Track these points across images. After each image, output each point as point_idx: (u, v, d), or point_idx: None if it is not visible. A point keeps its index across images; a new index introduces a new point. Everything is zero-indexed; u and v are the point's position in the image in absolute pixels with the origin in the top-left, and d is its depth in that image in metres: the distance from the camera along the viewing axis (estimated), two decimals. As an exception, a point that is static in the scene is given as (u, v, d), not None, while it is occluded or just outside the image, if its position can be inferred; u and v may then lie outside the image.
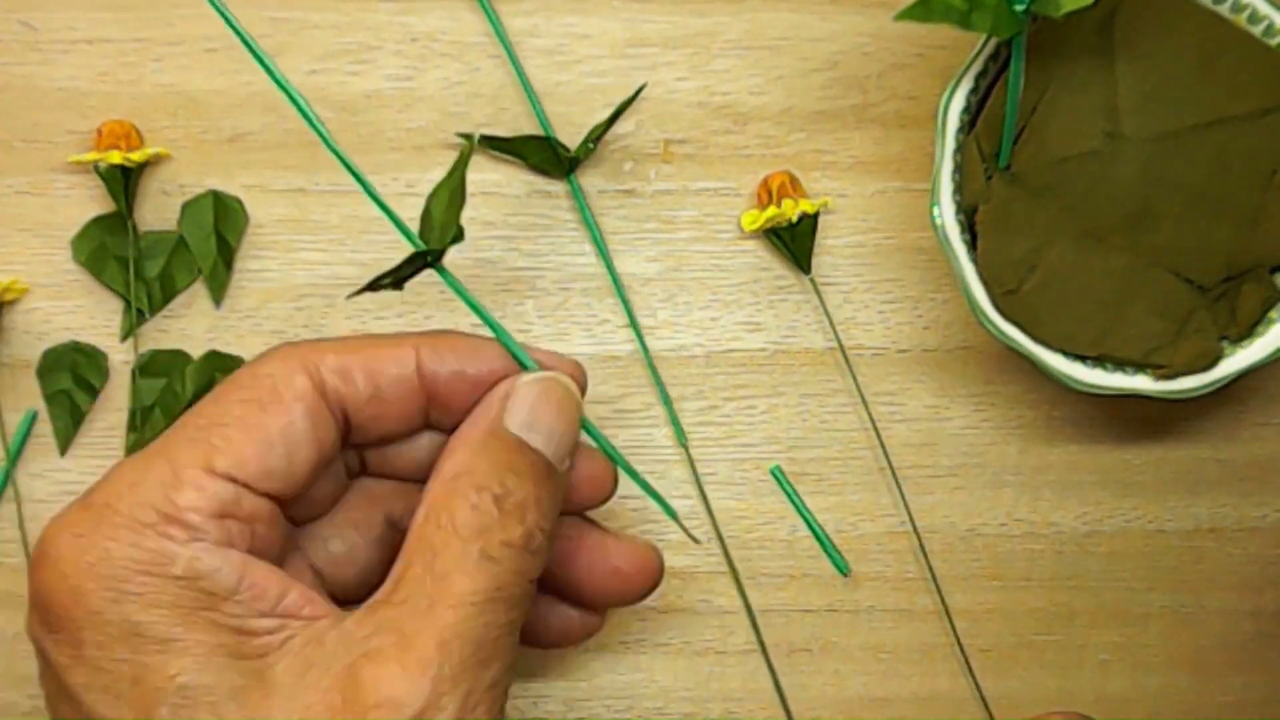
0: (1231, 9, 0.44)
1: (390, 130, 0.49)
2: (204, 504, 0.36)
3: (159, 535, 0.35)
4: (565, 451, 0.39)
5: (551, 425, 0.39)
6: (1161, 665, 0.50)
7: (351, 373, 0.39)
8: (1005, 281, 0.45)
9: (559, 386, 0.40)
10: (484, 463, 0.38)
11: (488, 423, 0.38)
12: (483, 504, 0.37)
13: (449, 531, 0.36)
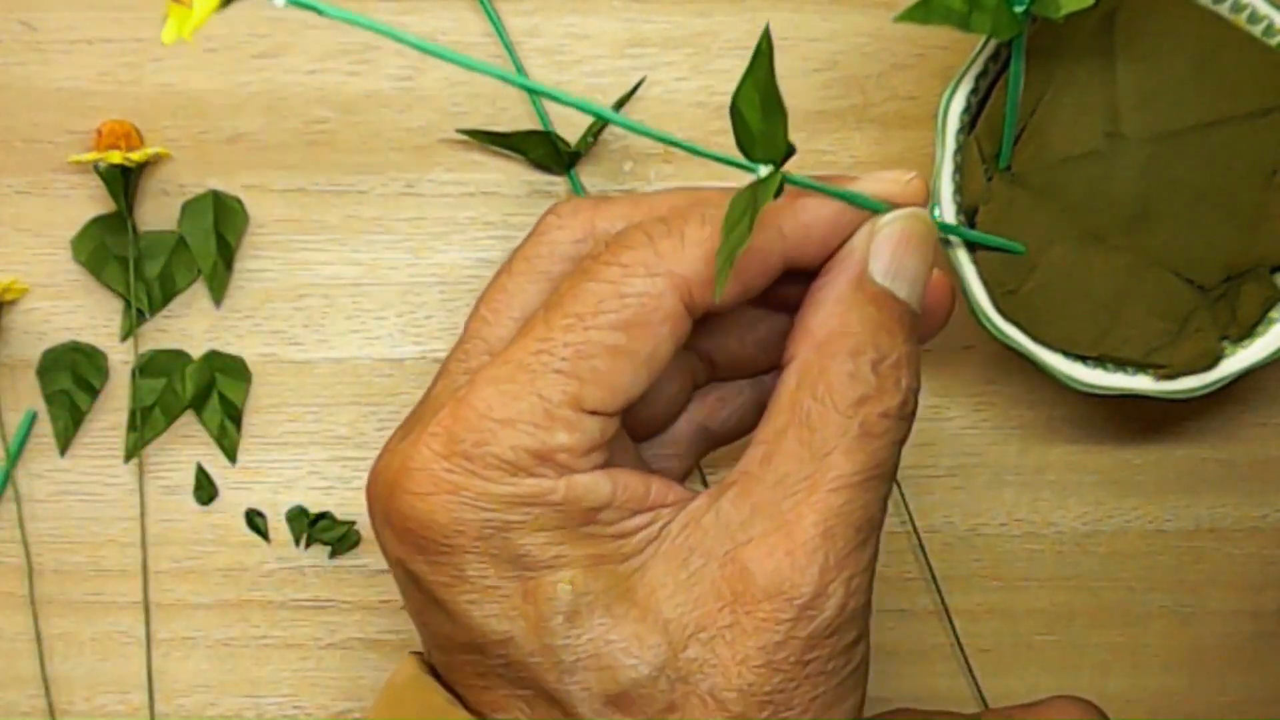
0: (1231, 9, 0.44)
1: (390, 130, 0.49)
2: (576, 443, 0.35)
3: (534, 475, 0.35)
4: (920, 297, 0.37)
5: (915, 269, 0.37)
6: (1161, 665, 0.50)
7: (708, 282, 0.36)
8: (1005, 281, 0.45)
9: (920, 223, 0.37)
10: (856, 321, 0.35)
11: (853, 274, 0.36)
12: (860, 371, 0.35)
13: (826, 404, 0.35)
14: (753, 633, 0.34)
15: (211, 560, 0.49)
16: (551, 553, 0.35)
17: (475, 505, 0.34)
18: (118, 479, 0.49)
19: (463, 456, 0.35)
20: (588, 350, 0.35)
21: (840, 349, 0.35)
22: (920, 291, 0.37)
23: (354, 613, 0.49)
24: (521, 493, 0.35)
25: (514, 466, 0.35)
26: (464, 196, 0.49)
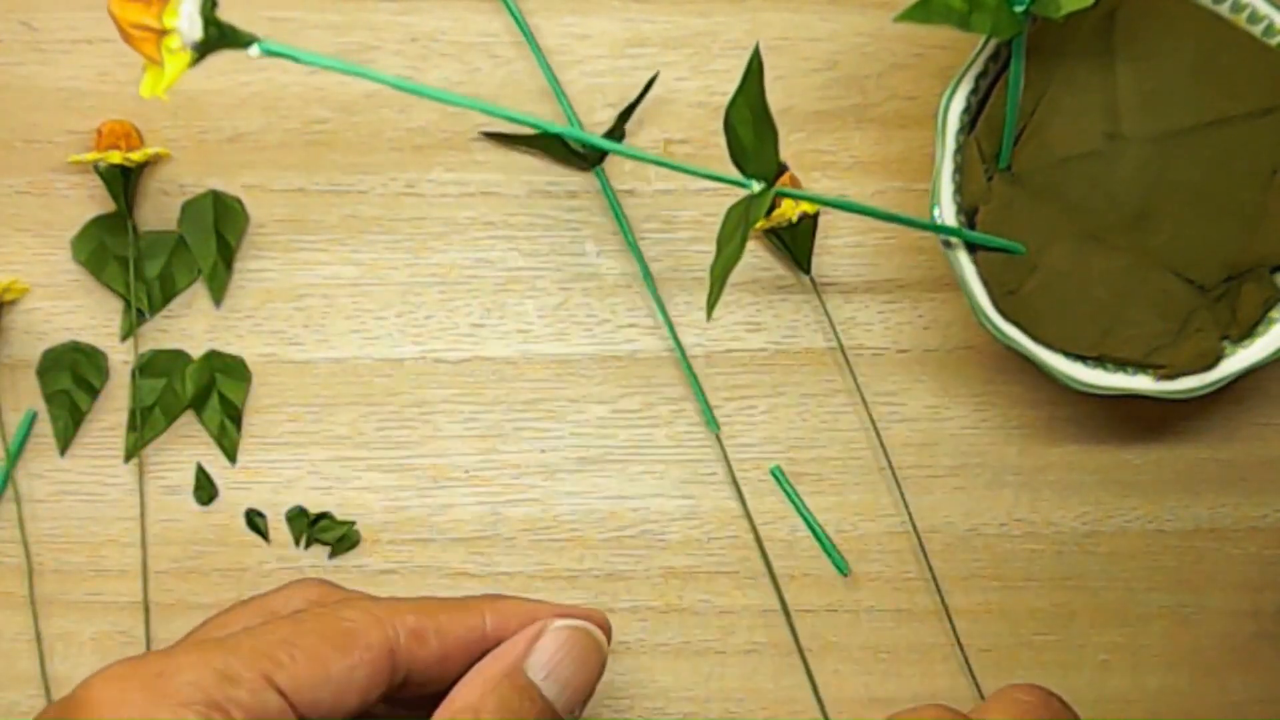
0: (1231, 9, 0.44)
1: (390, 130, 0.49)
2: (251, 705, 0.37)
3: (200, 715, 0.36)
4: (577, 703, 0.40)
5: (569, 676, 0.40)
6: (1161, 665, 0.50)
7: (426, 635, 0.40)
8: (1006, 282, 0.45)
9: (587, 637, 0.40)
10: (491, 703, 0.38)
11: (508, 662, 0.39)
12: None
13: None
14: None
15: (211, 560, 0.49)
16: None
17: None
18: (118, 479, 0.49)
19: (141, 684, 0.36)
20: (291, 639, 0.38)
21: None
22: (575, 703, 0.40)
23: (354, 613, 0.49)
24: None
25: (187, 702, 0.36)
26: (464, 196, 0.49)
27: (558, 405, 0.49)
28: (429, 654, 0.40)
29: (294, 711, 0.38)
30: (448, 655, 0.40)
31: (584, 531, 0.49)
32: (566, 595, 0.49)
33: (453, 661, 0.40)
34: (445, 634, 0.40)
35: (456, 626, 0.40)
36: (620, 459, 0.49)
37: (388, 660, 0.39)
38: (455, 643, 0.40)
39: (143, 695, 0.36)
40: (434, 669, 0.40)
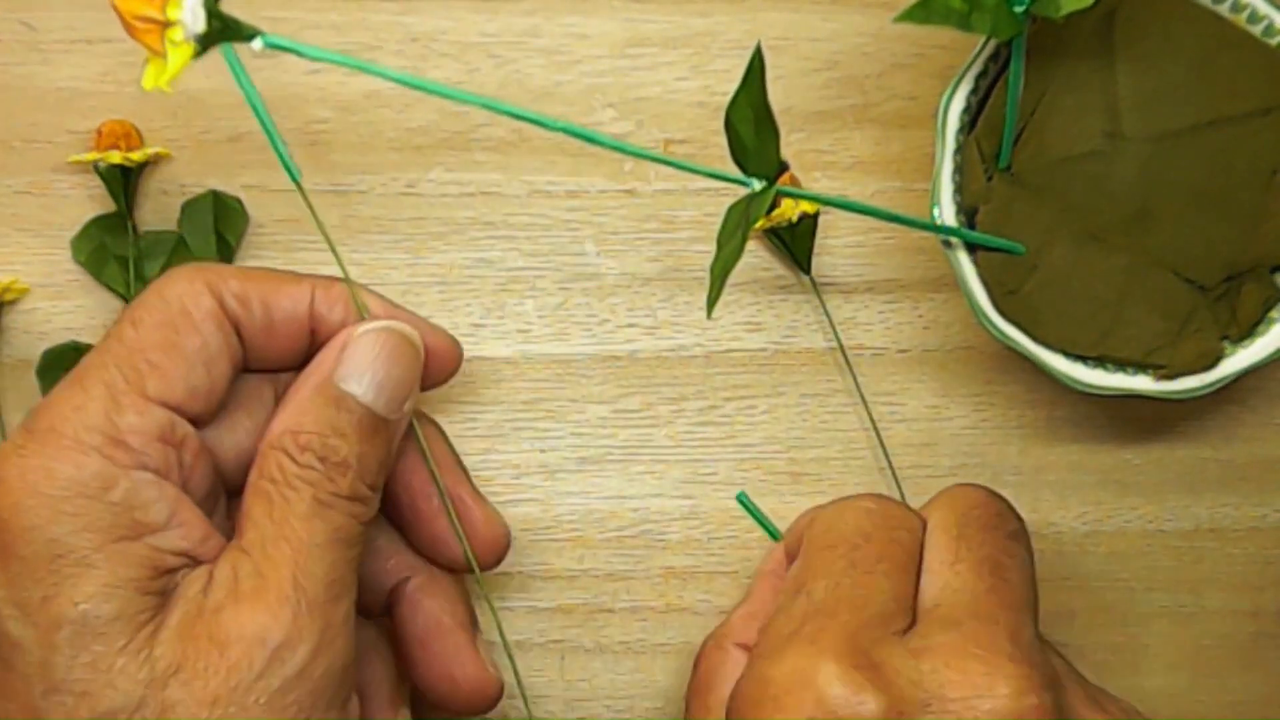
0: (1231, 9, 0.44)
1: (390, 130, 0.49)
2: (145, 427, 0.37)
3: (103, 457, 0.36)
4: (398, 401, 0.40)
5: (383, 377, 0.40)
6: (1161, 665, 0.50)
7: (250, 300, 0.40)
8: (1006, 282, 0.45)
9: (393, 336, 0.41)
10: (309, 420, 0.39)
11: (319, 376, 0.40)
12: (306, 461, 0.38)
13: (281, 484, 0.38)
14: (225, 673, 0.35)
15: (211, 560, 0.49)
16: (87, 558, 0.36)
17: (36, 489, 0.36)
18: (117, 479, 0.49)
19: (37, 442, 0.36)
20: (141, 345, 0.38)
21: (290, 443, 0.38)
22: (396, 402, 0.40)
23: (354, 613, 0.49)
24: (81, 478, 0.36)
25: (84, 445, 0.36)
26: (464, 196, 0.49)
27: (558, 405, 0.49)
28: (255, 322, 0.40)
29: (181, 412, 0.38)
30: (274, 328, 0.41)
31: (584, 531, 0.49)
32: (566, 595, 0.49)
33: (281, 336, 0.41)
34: (270, 303, 0.41)
35: (281, 297, 0.41)
36: (620, 459, 0.49)
37: (227, 322, 0.40)
38: (282, 315, 0.41)
39: (42, 455, 0.36)
40: (263, 340, 0.41)
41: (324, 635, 0.37)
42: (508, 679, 0.45)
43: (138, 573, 0.36)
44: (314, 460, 0.38)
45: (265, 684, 0.36)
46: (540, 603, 0.49)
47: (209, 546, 0.38)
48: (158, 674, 0.35)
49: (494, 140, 0.49)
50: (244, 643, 0.36)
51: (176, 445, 0.38)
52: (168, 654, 0.36)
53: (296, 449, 0.38)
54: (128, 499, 0.36)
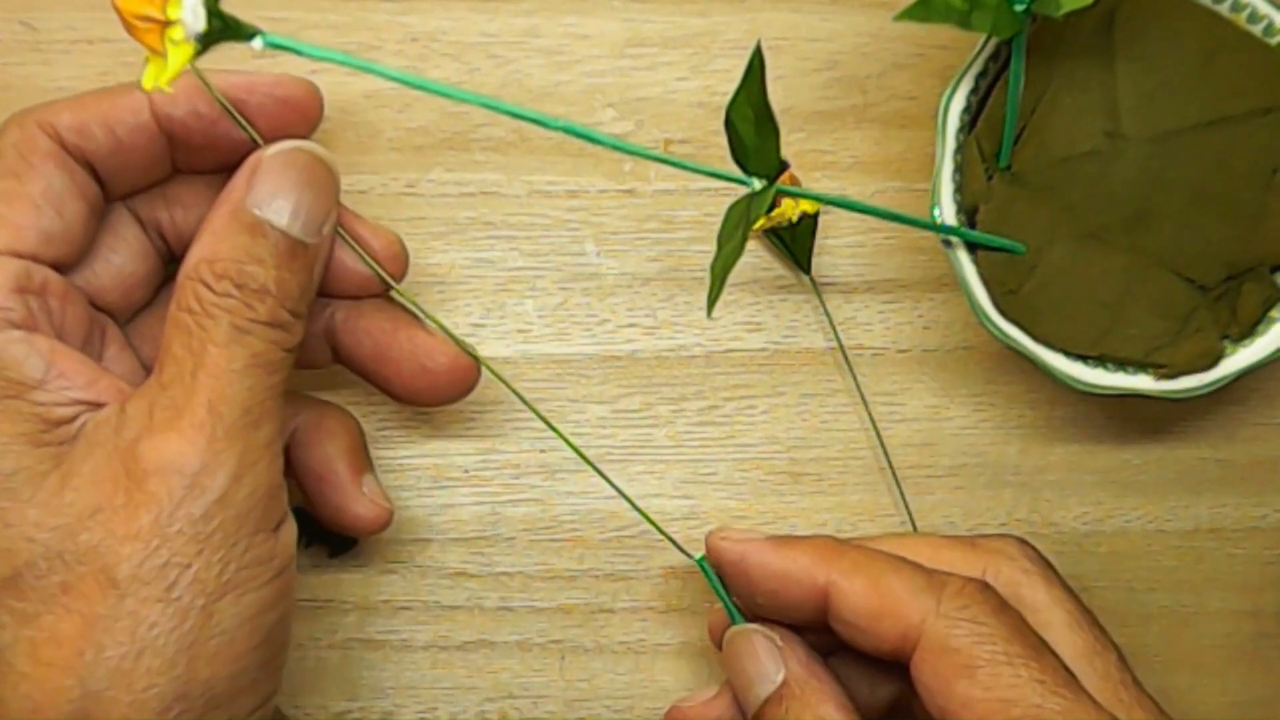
0: (1231, 9, 0.44)
1: (390, 130, 0.49)
2: (1, 281, 0.37)
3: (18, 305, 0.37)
4: (316, 223, 0.39)
5: (297, 199, 0.39)
6: (1161, 665, 0.50)
7: (89, 127, 0.39)
8: (1006, 281, 0.45)
9: (304, 155, 0.39)
10: (224, 247, 0.38)
11: (232, 202, 0.38)
12: (223, 288, 0.37)
13: (199, 313, 0.37)
14: (144, 506, 0.35)
15: (211, 560, 0.49)
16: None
17: None
18: (117, 479, 0.49)
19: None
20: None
21: (206, 272, 0.37)
22: (314, 223, 0.39)
23: (354, 613, 0.49)
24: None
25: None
26: (464, 196, 0.49)
27: (558, 405, 0.49)
28: (102, 147, 0.39)
29: (37, 260, 0.38)
30: (123, 146, 0.40)
31: (584, 531, 0.49)
32: (566, 595, 0.49)
33: (134, 151, 0.40)
34: (111, 123, 0.39)
35: (120, 111, 0.39)
36: (620, 459, 0.49)
37: (69, 159, 0.39)
38: (126, 131, 0.40)
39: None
40: (118, 162, 0.40)
41: (243, 460, 0.36)
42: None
43: (26, 428, 0.36)
44: (231, 288, 0.37)
45: (186, 512, 0.35)
46: (540, 603, 0.49)
47: (101, 388, 0.37)
48: (71, 519, 0.35)
49: (494, 140, 0.49)
50: (161, 473, 0.35)
51: (38, 293, 0.38)
52: (81, 498, 0.35)
53: (213, 277, 0.37)
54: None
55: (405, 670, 0.49)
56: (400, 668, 0.49)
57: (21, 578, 0.35)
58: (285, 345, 0.38)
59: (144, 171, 0.41)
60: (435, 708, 0.49)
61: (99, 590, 0.35)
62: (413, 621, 0.49)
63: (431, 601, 0.49)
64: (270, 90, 0.41)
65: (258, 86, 0.41)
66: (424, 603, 0.49)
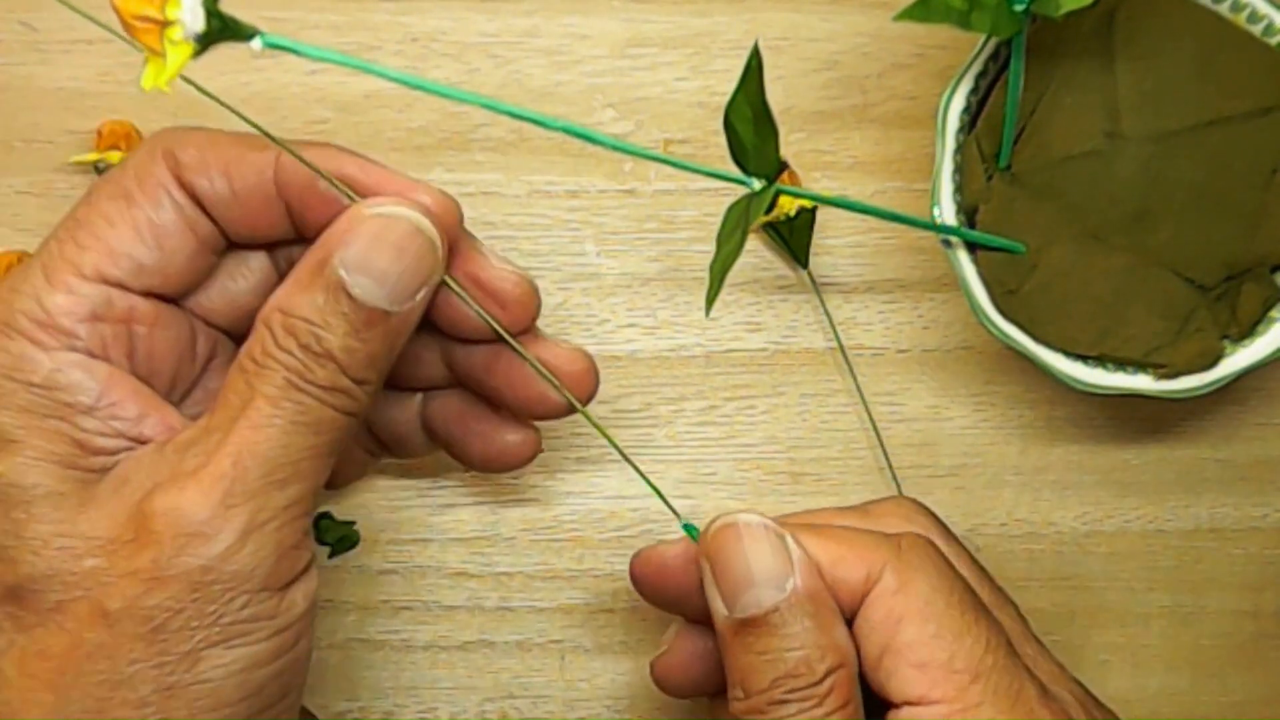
0: (1231, 8, 0.44)
1: (390, 130, 0.49)
2: (75, 307, 0.37)
3: (27, 341, 0.36)
4: (405, 293, 0.37)
5: (387, 267, 0.37)
6: (1161, 665, 0.50)
7: (209, 169, 0.39)
8: (1006, 281, 0.45)
9: (402, 222, 0.38)
10: (300, 302, 0.37)
11: (322, 254, 0.37)
12: (286, 344, 0.36)
13: (261, 363, 0.36)
14: (146, 548, 0.35)
15: (211, 560, 0.49)
16: (9, 434, 0.36)
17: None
18: (117, 479, 0.49)
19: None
20: (89, 218, 0.38)
21: (278, 323, 0.37)
22: (399, 291, 0.37)
23: (354, 613, 0.49)
24: (4, 361, 0.36)
25: (9, 329, 0.36)
26: (464, 196, 0.49)
27: (558, 405, 0.49)
28: (216, 193, 0.39)
29: (125, 288, 0.38)
30: (238, 198, 0.39)
31: (584, 531, 0.49)
32: (566, 595, 0.49)
33: (248, 207, 0.39)
34: (231, 172, 0.39)
35: (242, 164, 0.39)
36: (620, 459, 0.49)
37: (185, 193, 0.38)
38: (243, 185, 0.39)
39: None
40: (233, 212, 0.39)
41: (253, 519, 0.36)
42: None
43: (62, 449, 0.36)
44: (294, 346, 0.36)
45: (185, 562, 0.35)
46: (540, 603, 0.49)
47: (150, 424, 0.37)
48: (78, 546, 0.35)
49: (494, 140, 0.49)
50: (166, 519, 0.35)
51: (118, 321, 0.38)
52: (94, 528, 0.35)
53: (281, 330, 0.37)
54: (50, 380, 0.36)
55: (405, 670, 0.49)
56: (400, 668, 0.49)
57: (24, 588, 0.35)
58: (344, 409, 0.37)
59: (261, 227, 0.40)
60: (435, 708, 0.49)
61: (90, 617, 0.35)
62: (413, 621, 0.49)
63: (431, 601, 0.49)
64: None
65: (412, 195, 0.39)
66: (424, 603, 0.49)
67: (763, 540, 0.39)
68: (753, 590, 0.38)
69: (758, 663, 0.38)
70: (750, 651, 0.38)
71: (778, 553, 0.39)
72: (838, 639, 0.38)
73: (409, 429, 0.45)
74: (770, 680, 0.38)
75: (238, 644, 0.36)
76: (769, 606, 0.38)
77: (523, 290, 0.41)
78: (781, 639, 0.38)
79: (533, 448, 0.45)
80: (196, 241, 0.39)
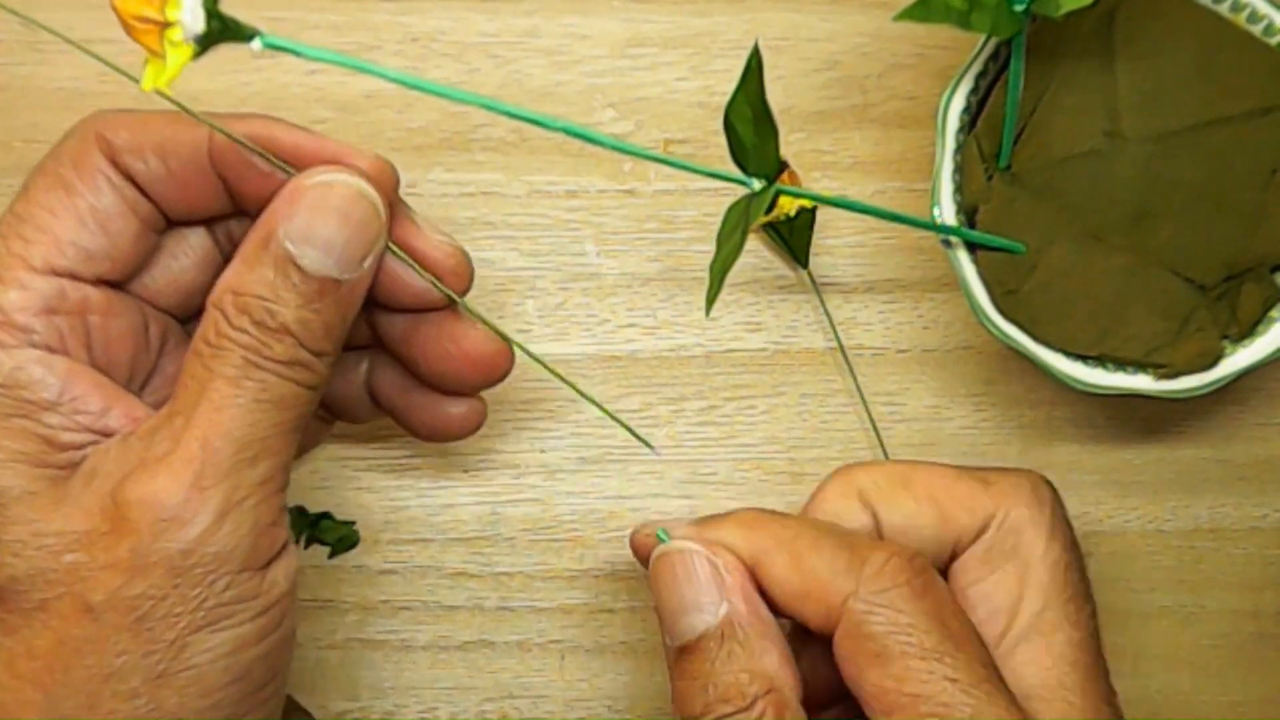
0: (1231, 8, 0.44)
1: (390, 130, 0.49)
2: (29, 302, 0.37)
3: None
4: (354, 259, 0.37)
5: (332, 235, 0.37)
6: (1162, 665, 0.50)
7: (144, 151, 0.38)
8: (1006, 281, 0.45)
9: (344, 188, 0.37)
10: (250, 279, 0.37)
11: (265, 230, 0.37)
12: (240, 323, 0.36)
13: (214, 345, 0.36)
14: (124, 537, 0.35)
15: (211, 560, 0.49)
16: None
17: None
18: (117, 479, 0.49)
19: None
20: (30, 212, 0.37)
21: (230, 303, 0.37)
22: (351, 260, 0.37)
23: (354, 613, 0.49)
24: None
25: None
26: (464, 196, 0.49)
27: (558, 405, 0.49)
28: (153, 173, 0.38)
29: (77, 278, 0.38)
30: (175, 177, 0.39)
31: (584, 531, 0.49)
32: (566, 595, 0.49)
33: (186, 185, 0.39)
34: (165, 151, 0.38)
35: (176, 142, 0.38)
36: (620, 459, 0.49)
37: (124, 177, 0.38)
38: (179, 164, 0.39)
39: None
40: (171, 191, 0.39)
41: (229, 498, 0.35)
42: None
43: (30, 447, 0.36)
44: (248, 324, 0.36)
45: (163, 546, 0.35)
46: (540, 603, 0.49)
47: (115, 415, 0.37)
48: (56, 543, 0.35)
49: (494, 140, 0.49)
50: (142, 506, 0.35)
51: (73, 312, 0.38)
52: (70, 524, 0.35)
53: (234, 310, 0.36)
54: (12, 379, 0.36)
55: (405, 670, 0.49)
56: (400, 668, 0.49)
57: (6, 590, 0.35)
58: (305, 382, 0.37)
59: (199, 204, 0.40)
60: (435, 708, 0.49)
61: (74, 613, 0.35)
62: (413, 621, 0.49)
63: (431, 601, 0.49)
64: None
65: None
66: (424, 603, 0.49)
67: (695, 568, 0.39)
68: (686, 617, 0.39)
69: (692, 688, 0.38)
70: (685, 677, 0.39)
71: (710, 579, 0.39)
72: (769, 665, 0.38)
73: (356, 395, 0.45)
74: (702, 705, 0.38)
75: (223, 627, 0.36)
76: (701, 632, 0.38)
77: (457, 260, 0.41)
78: (712, 664, 0.38)
79: (477, 418, 0.44)
80: (139, 223, 0.39)
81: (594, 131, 0.37)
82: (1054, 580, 0.41)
